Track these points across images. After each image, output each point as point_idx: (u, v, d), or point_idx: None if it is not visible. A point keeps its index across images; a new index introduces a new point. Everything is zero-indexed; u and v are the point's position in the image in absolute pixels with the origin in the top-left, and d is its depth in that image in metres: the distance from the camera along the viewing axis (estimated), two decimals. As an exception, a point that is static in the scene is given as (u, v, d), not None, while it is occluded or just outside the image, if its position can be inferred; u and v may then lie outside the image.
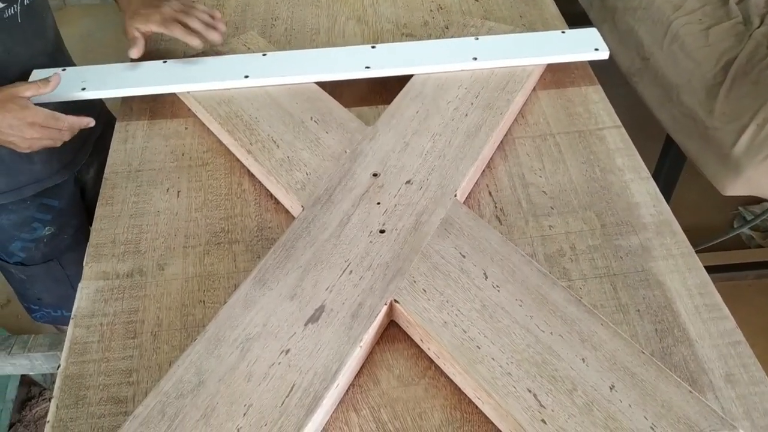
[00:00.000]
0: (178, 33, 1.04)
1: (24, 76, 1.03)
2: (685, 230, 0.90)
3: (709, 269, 0.86)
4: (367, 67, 1.06)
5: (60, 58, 1.15)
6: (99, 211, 0.94)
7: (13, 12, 0.99)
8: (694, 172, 1.45)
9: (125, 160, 1.01)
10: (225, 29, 1.09)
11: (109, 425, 0.71)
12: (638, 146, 1.01)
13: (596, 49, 1.08)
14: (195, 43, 1.05)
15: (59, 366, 0.78)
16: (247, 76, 1.04)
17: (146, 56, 1.11)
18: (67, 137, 0.99)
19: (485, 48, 1.08)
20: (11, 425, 1.68)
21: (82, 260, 0.89)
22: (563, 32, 1.12)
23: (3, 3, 0.97)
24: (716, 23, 1.43)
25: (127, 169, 1.00)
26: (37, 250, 1.25)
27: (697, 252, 0.88)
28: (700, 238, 1.75)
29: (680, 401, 0.68)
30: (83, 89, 1.03)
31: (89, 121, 1.00)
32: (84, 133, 1.21)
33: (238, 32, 1.24)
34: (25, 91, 0.94)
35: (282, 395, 0.69)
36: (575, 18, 1.55)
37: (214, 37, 1.06)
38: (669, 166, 1.63)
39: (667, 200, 0.94)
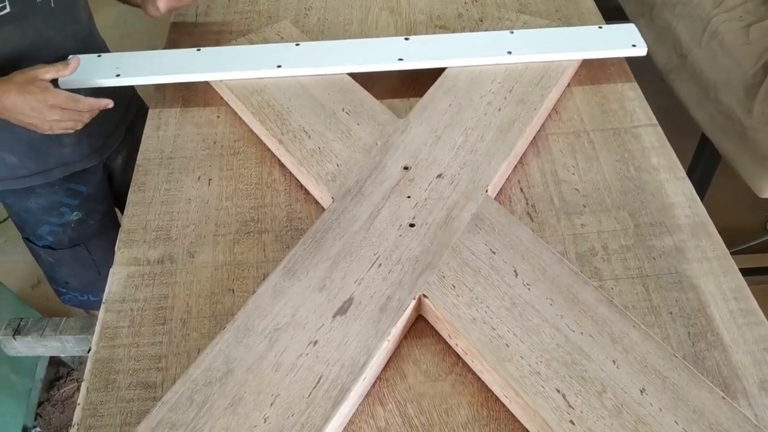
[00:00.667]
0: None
1: (56, 62, 1.03)
2: (720, 231, 0.88)
3: (745, 271, 0.84)
4: (401, 59, 1.05)
5: (92, 43, 1.16)
6: (131, 197, 0.95)
7: None
8: (727, 171, 1.42)
9: (158, 147, 1.01)
10: None
11: (138, 410, 0.72)
12: (672, 144, 0.99)
13: (634, 46, 1.06)
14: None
15: (90, 349, 0.79)
16: (279, 66, 1.04)
17: (180, 44, 1.11)
18: (87, 119, 1.00)
19: (520, 42, 1.06)
20: (39, 404, 1.72)
21: (109, 246, 0.90)
22: (600, 27, 1.10)
23: None
24: (757, 21, 1.39)
25: (160, 156, 1.00)
26: (64, 234, 1.27)
27: (732, 254, 0.86)
28: (732, 239, 1.72)
29: (712, 407, 0.67)
30: (117, 75, 1.04)
31: (108, 103, 1.01)
32: (115, 118, 1.22)
33: (271, 21, 1.24)
34: (45, 73, 0.95)
35: (309, 386, 0.69)
36: (611, 12, 1.52)
37: None
38: (703, 166, 1.60)
39: (701, 200, 0.92)
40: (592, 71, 1.10)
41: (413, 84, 1.09)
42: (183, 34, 1.23)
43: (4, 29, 0.97)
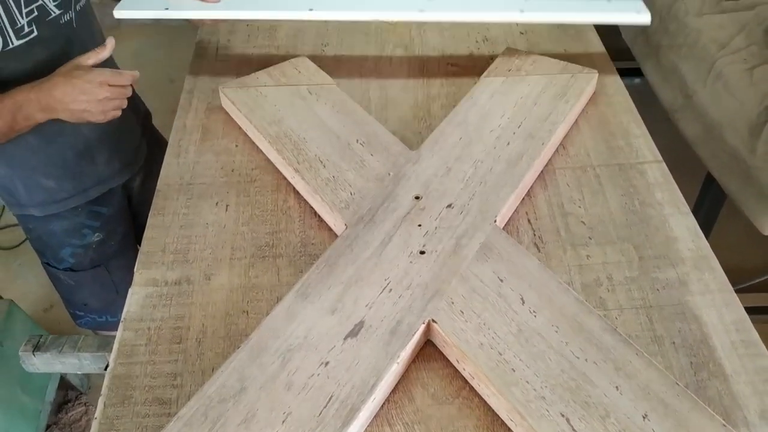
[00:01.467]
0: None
1: None
2: (726, 269, 0.90)
3: (750, 310, 0.86)
4: (422, 11, 1.12)
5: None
6: (151, 220, 0.98)
7: (69, 17, 1.07)
8: (734, 211, 1.45)
9: (177, 174, 1.05)
10: None
11: (153, 425, 0.74)
12: (678, 182, 1.02)
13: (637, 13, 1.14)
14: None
15: (107, 366, 0.82)
16: (311, 9, 1.12)
17: (201, 77, 1.16)
18: (129, 93, 1.04)
19: (532, 2, 1.14)
20: (47, 426, 1.73)
21: (128, 266, 0.93)
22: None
23: (60, 9, 1.04)
24: (761, 63, 1.43)
25: (179, 182, 1.04)
26: (85, 256, 1.30)
27: (737, 292, 0.88)
28: (739, 278, 1.72)
29: (714, 434, 0.68)
30: (166, 9, 1.11)
31: (135, 73, 1.05)
32: (137, 133, 1.31)
33: (289, 56, 1.28)
34: (87, 59, 1.00)
35: (320, 405, 0.71)
36: (619, 53, 1.56)
37: None
38: (708, 204, 1.62)
39: (706, 237, 0.94)
40: (599, 108, 1.14)
41: (425, 117, 1.13)
42: (204, 66, 1.28)
43: (34, 51, 1.02)
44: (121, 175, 1.26)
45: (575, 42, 1.31)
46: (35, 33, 1.01)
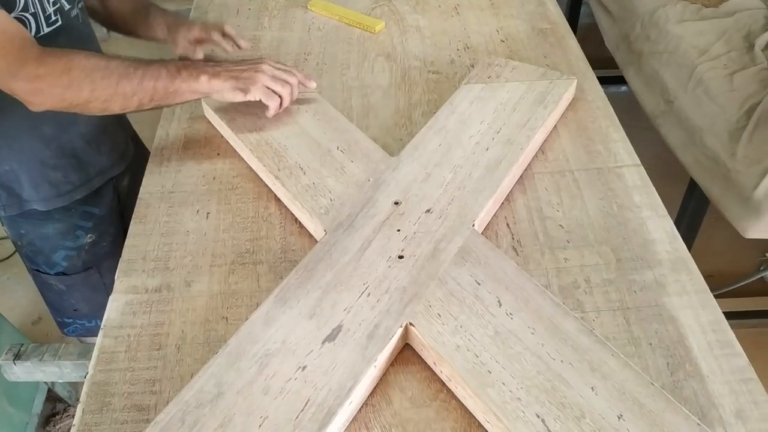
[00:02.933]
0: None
1: None
2: (712, 273, 0.91)
3: (736, 315, 0.87)
4: None
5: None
6: (132, 228, 0.98)
7: (76, 12, 1.12)
8: (720, 218, 1.46)
9: (159, 182, 1.06)
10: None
11: (131, 431, 0.74)
12: (663, 188, 1.03)
13: None
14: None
15: (87, 374, 0.82)
16: None
17: None
18: (292, 90, 1.08)
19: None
20: (35, 439, 1.72)
21: None
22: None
23: (69, 4, 1.09)
24: (741, 69, 1.45)
25: (161, 190, 1.04)
26: (78, 258, 1.30)
27: (722, 296, 0.88)
28: (726, 281, 1.73)
29: (688, 433, 0.69)
30: None
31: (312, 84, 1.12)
32: (128, 126, 1.35)
33: (272, 65, 1.29)
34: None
35: (297, 409, 0.71)
36: (601, 61, 1.58)
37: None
38: (692, 209, 1.63)
39: (691, 243, 0.95)
40: (579, 114, 1.15)
41: (406, 124, 1.14)
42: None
43: (59, 39, 1.05)
44: (119, 165, 1.29)
45: (555, 49, 1.32)
46: (60, 22, 1.05)
